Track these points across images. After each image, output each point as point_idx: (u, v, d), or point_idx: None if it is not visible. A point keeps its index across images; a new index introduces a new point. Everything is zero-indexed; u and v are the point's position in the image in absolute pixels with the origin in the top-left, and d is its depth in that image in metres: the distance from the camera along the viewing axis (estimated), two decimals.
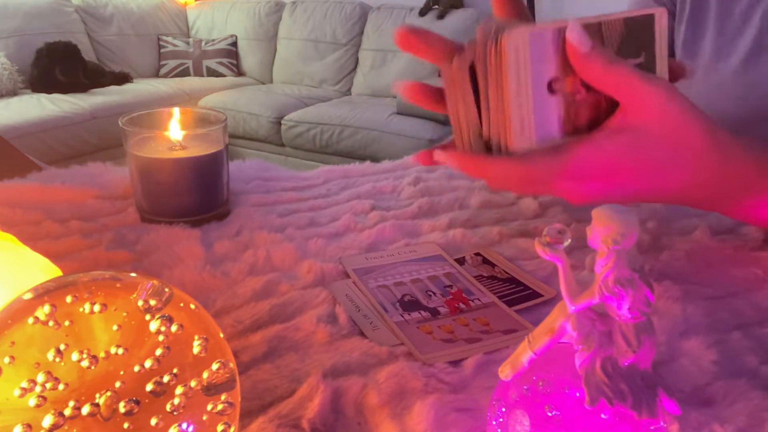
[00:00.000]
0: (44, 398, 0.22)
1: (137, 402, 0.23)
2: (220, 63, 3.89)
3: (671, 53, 0.73)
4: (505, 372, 0.27)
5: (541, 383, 0.26)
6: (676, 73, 0.47)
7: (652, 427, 0.24)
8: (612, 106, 0.42)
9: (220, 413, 0.26)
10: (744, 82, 0.64)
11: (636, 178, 0.42)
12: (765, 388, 0.33)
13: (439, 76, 0.45)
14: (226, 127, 0.56)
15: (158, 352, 0.24)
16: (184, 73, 3.87)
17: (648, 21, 0.44)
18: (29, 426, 0.22)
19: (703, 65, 0.68)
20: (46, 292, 0.23)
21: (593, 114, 0.42)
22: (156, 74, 3.89)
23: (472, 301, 0.43)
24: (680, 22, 0.72)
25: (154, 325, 0.24)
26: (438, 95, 0.46)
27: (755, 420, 0.31)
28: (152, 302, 0.24)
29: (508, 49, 0.39)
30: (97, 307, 0.23)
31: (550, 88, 0.41)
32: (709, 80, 0.67)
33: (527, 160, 0.41)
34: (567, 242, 0.25)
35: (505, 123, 0.41)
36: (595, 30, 0.43)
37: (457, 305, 0.43)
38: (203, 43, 3.92)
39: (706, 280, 0.45)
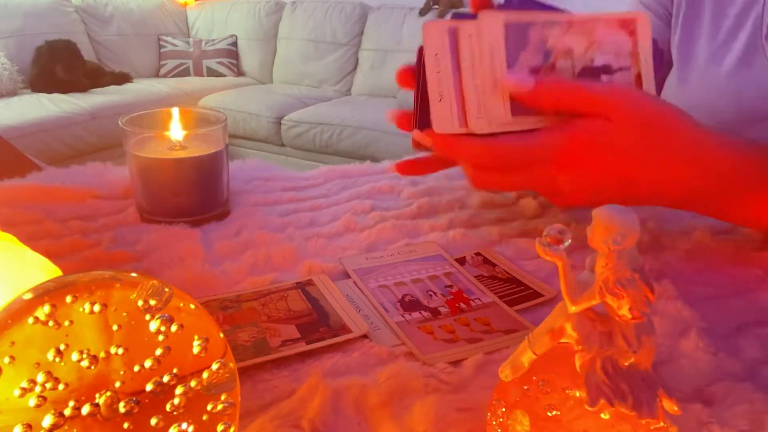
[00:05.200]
0: (44, 398, 0.22)
1: (137, 402, 0.23)
2: (220, 63, 3.89)
3: (667, 56, 0.74)
4: (505, 372, 0.27)
5: (541, 383, 0.26)
6: None
7: (652, 427, 0.24)
8: None
9: (220, 413, 0.26)
10: (737, 83, 0.64)
11: (620, 164, 0.43)
12: (765, 389, 0.33)
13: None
14: (226, 127, 0.56)
15: (158, 352, 0.24)
16: (184, 73, 3.87)
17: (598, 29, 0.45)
18: (29, 426, 0.22)
19: (698, 67, 0.68)
20: (46, 292, 0.23)
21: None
22: (156, 74, 3.89)
23: (473, 300, 0.43)
24: (675, 25, 0.72)
25: (154, 325, 0.24)
26: None
27: (756, 421, 0.31)
28: (152, 302, 0.24)
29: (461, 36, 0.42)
30: (97, 307, 0.23)
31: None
32: (704, 82, 0.67)
33: (503, 138, 0.43)
34: (567, 242, 0.25)
35: (465, 105, 0.43)
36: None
37: (457, 305, 0.43)
38: (203, 43, 3.92)
39: (706, 280, 0.45)
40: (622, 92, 0.42)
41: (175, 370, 0.24)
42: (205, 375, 0.25)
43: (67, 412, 0.22)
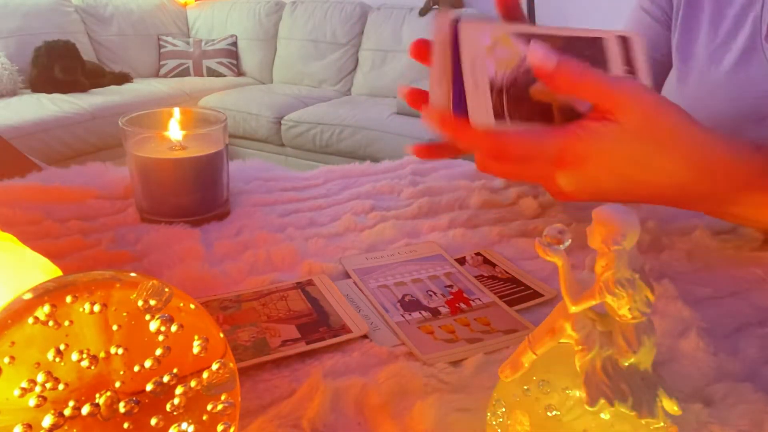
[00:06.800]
0: (44, 398, 0.22)
1: (137, 402, 0.23)
2: (220, 63, 3.89)
3: (667, 59, 0.74)
4: (505, 372, 0.27)
5: (541, 383, 0.26)
6: None
7: (652, 427, 0.24)
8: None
9: (220, 413, 0.26)
10: (737, 83, 0.64)
11: (622, 166, 0.43)
12: (766, 389, 0.33)
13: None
14: (226, 127, 0.56)
15: (158, 352, 0.24)
16: (184, 73, 3.87)
17: (596, 43, 0.47)
18: (29, 426, 0.22)
19: (697, 68, 0.68)
20: (46, 292, 0.23)
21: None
22: (156, 74, 3.89)
23: (473, 301, 0.43)
24: (674, 25, 0.72)
25: (154, 325, 0.24)
26: None
27: (756, 421, 0.31)
28: (152, 302, 0.24)
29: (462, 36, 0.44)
30: (97, 307, 0.23)
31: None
32: (703, 83, 0.68)
33: (511, 132, 0.43)
34: (567, 242, 0.25)
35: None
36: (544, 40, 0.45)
37: (457, 305, 0.43)
38: (203, 43, 3.92)
39: (706, 280, 0.45)
40: (632, 88, 0.42)
41: (175, 370, 0.24)
42: (205, 375, 0.25)
43: (67, 412, 0.22)
